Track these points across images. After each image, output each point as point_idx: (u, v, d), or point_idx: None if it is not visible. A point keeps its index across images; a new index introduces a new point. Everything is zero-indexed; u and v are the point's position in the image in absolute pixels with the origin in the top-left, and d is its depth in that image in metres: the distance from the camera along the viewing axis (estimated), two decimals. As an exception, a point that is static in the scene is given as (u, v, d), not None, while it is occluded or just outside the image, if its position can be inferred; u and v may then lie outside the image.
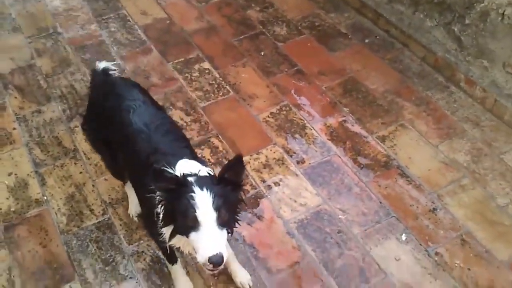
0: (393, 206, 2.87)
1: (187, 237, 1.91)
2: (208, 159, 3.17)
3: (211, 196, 1.87)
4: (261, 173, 3.09)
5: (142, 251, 2.74)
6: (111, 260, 2.71)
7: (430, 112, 3.40)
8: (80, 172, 3.12)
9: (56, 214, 2.92)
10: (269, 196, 2.97)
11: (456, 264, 2.61)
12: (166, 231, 2.03)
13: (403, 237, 2.73)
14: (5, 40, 4.13)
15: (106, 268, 2.68)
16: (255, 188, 3.01)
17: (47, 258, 2.74)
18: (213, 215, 1.86)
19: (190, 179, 1.93)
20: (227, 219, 1.93)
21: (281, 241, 2.75)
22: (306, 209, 2.88)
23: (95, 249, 2.75)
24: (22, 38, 4.14)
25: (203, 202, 1.86)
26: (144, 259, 2.70)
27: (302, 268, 2.62)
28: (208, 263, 1.84)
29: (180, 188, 1.89)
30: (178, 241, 2.08)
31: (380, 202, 2.89)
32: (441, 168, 3.07)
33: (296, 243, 2.73)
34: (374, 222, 2.80)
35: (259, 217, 2.86)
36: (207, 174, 2.05)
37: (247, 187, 3.01)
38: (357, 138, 3.25)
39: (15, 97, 3.64)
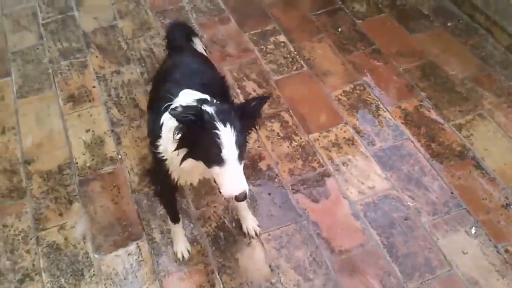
0: (465, 198, 2.79)
1: (208, 167, 1.98)
2: (278, 133, 3.19)
3: (234, 133, 1.91)
4: (330, 151, 3.08)
5: (209, 217, 2.81)
6: (178, 222, 2.80)
7: (511, 104, 3.26)
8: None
9: (129, 173, 3.03)
10: (336, 176, 2.95)
11: (526, 264, 2.53)
12: (180, 153, 2.04)
13: (473, 230, 2.66)
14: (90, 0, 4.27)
15: (173, 230, 2.77)
16: (322, 166, 3.01)
17: (117, 215, 2.86)
18: (236, 152, 1.92)
19: (210, 110, 1.94)
20: (245, 153, 2.00)
21: (345, 222, 2.75)
22: (374, 192, 2.86)
23: (164, 211, 2.84)
24: (106, -1, 4.26)
25: (228, 140, 1.90)
26: (210, 225, 2.78)
27: (365, 252, 2.62)
28: (233, 198, 1.95)
29: (201, 120, 1.90)
30: (189, 165, 2.09)
31: (452, 193, 2.82)
32: (518, 163, 2.95)
33: (361, 225, 2.72)
34: (443, 213, 2.74)
35: (325, 196, 2.87)
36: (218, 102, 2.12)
37: (315, 164, 3.01)
38: (432, 124, 3.16)
39: (96, 56, 3.77)
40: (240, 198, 1.95)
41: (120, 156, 3.12)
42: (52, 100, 3.50)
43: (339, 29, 3.85)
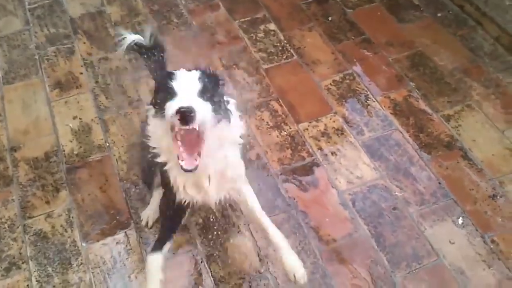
0: (452, 188, 2.81)
1: (163, 108, 1.85)
2: (267, 122, 3.18)
3: (198, 73, 1.91)
4: (319, 141, 3.08)
5: (198, 207, 2.79)
6: (167, 211, 2.79)
7: (499, 95, 3.27)
8: (142, 122, 3.18)
9: (117, 161, 3.01)
10: (325, 165, 2.96)
11: (512, 254, 2.56)
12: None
13: (460, 220, 2.68)
14: (76, -16, 4.20)
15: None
16: (312, 156, 3.01)
17: (105, 203, 2.84)
18: (196, 86, 1.85)
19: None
20: (213, 98, 1.90)
21: (334, 211, 2.76)
22: (362, 182, 2.87)
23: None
24: (94, -16, 4.19)
25: (183, 76, 1.89)
26: (199, 214, 2.76)
27: (353, 241, 2.63)
28: (176, 115, 1.74)
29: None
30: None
31: (439, 183, 2.84)
32: (505, 154, 2.97)
33: (349, 215, 2.73)
34: (431, 203, 2.76)
35: (314, 185, 2.87)
36: None
37: (304, 153, 3.01)
38: (421, 114, 3.18)
39: (84, 42, 3.71)
40: (183, 111, 1.73)
41: (108, 144, 3.09)
42: (38, 87, 3.45)
43: (330, 18, 3.84)
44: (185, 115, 1.74)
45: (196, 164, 1.87)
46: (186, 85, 1.86)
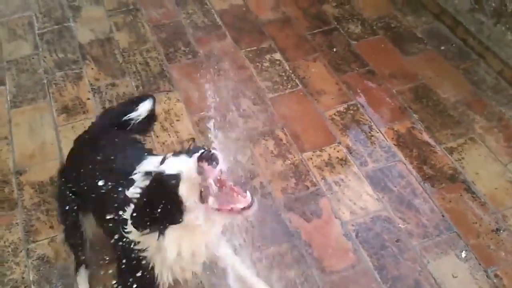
0: (456, 221, 2.82)
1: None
2: (271, 151, 3.20)
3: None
4: (323, 170, 3.10)
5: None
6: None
7: (502, 128, 3.30)
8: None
9: (121, 187, 3.02)
10: (328, 195, 2.97)
11: (515, 289, 2.56)
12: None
13: (463, 254, 2.69)
14: (87, 11, 4.27)
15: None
16: (315, 185, 3.02)
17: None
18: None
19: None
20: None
21: (337, 242, 2.76)
22: (366, 213, 2.88)
23: (155, 226, 2.83)
24: (103, 11, 4.26)
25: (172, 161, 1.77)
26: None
27: (356, 273, 2.63)
28: (200, 163, 1.65)
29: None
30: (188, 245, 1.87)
31: (443, 216, 2.85)
32: (508, 188, 2.98)
33: (352, 246, 2.74)
34: (434, 236, 2.76)
35: (317, 215, 2.88)
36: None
37: (308, 183, 3.03)
38: (424, 146, 3.20)
39: (92, 68, 3.77)
40: (205, 155, 1.66)
41: (113, 170, 3.11)
42: (45, 111, 3.49)
43: (334, 49, 3.89)
44: (209, 156, 1.66)
45: (250, 200, 1.79)
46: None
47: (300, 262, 2.67)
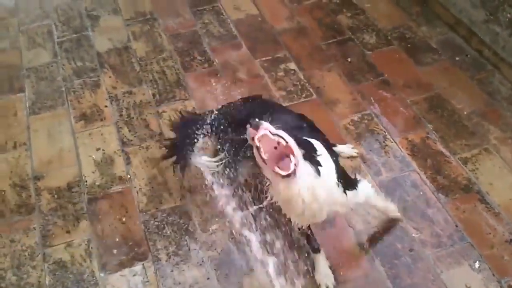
0: (469, 232, 2.81)
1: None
2: (286, 159, 3.22)
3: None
4: (337, 179, 3.11)
5: (215, 241, 2.83)
6: (184, 245, 2.82)
7: (517, 139, 3.30)
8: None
9: (137, 193, 3.07)
10: (342, 204, 2.98)
11: (529, 301, 2.55)
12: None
13: (477, 264, 2.68)
14: (105, 20, 4.36)
15: (179, 252, 2.79)
16: (329, 194, 3.03)
17: (124, 235, 2.88)
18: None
19: None
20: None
21: (350, 251, 2.77)
22: (379, 222, 2.88)
23: (170, 232, 2.87)
24: (121, 20, 4.34)
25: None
26: (215, 249, 2.80)
27: (369, 282, 2.63)
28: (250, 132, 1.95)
29: None
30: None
31: (456, 226, 2.84)
32: (523, 199, 2.98)
33: (365, 255, 2.74)
34: (448, 245, 2.76)
35: (331, 223, 2.89)
36: None
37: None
38: (438, 156, 3.20)
39: (109, 76, 3.84)
40: (254, 124, 1.95)
41: (129, 176, 3.16)
42: (64, 118, 3.56)
43: (349, 59, 3.92)
44: (252, 123, 1.95)
45: (293, 168, 1.91)
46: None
47: (313, 271, 2.67)
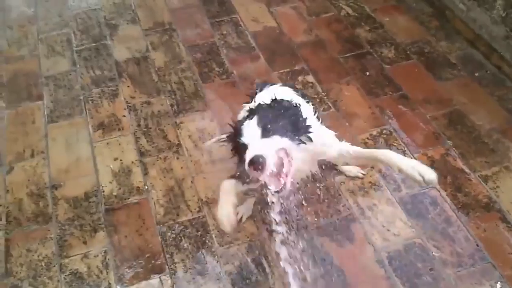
0: (491, 251, 2.77)
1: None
2: (303, 173, 3.20)
3: (256, 119, 2.06)
4: (356, 195, 3.08)
5: (232, 255, 2.81)
6: (201, 258, 2.80)
7: (538, 158, 3.26)
8: (181, 167, 3.24)
9: (154, 204, 3.06)
10: (361, 220, 2.95)
11: (552, 324, 2.50)
12: None
13: (498, 285, 2.63)
14: (123, 30, 4.37)
15: (196, 266, 2.77)
16: (348, 210, 3.01)
17: (141, 247, 2.87)
18: (258, 131, 2.02)
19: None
20: (275, 127, 2.04)
21: (370, 269, 2.73)
22: (399, 240, 2.85)
23: (187, 245, 2.85)
24: (140, 30, 4.35)
25: (248, 127, 2.05)
26: (233, 263, 2.77)
27: (389, 300, 2.60)
28: (249, 167, 1.91)
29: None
30: None
31: (477, 245, 2.80)
32: (545, 219, 2.94)
33: (385, 273, 2.70)
34: (468, 265, 2.72)
35: (350, 240, 2.86)
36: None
37: (340, 207, 3.02)
38: (458, 173, 3.16)
39: (128, 86, 3.84)
40: (255, 161, 1.90)
41: (146, 187, 3.15)
42: (82, 127, 3.56)
43: (367, 73, 3.90)
44: (256, 166, 1.90)
45: (283, 183, 2.00)
46: (251, 134, 2.04)
47: (331, 288, 2.65)
